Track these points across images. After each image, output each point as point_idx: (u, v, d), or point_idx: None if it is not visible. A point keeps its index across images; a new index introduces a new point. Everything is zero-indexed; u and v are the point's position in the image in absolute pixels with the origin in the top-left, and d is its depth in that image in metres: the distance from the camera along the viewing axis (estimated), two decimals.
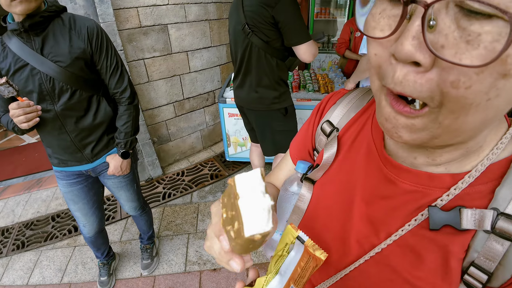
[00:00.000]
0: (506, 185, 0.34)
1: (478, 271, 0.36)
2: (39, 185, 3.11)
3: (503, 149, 0.37)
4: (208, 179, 2.93)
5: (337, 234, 0.49)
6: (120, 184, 1.61)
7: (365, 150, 0.48)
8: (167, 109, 2.86)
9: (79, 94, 1.26)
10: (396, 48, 0.27)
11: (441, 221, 0.37)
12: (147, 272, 2.03)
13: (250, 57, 1.74)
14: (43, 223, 2.56)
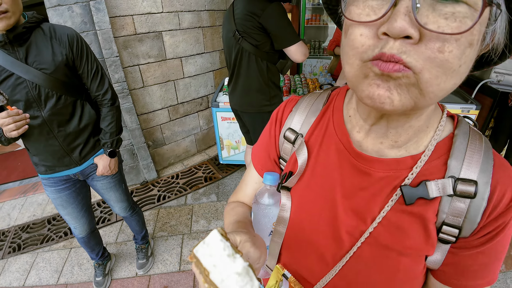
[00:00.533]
0: (454, 157, 0.44)
1: (450, 228, 0.44)
2: (34, 189, 3.14)
3: (443, 130, 0.47)
4: (202, 181, 3.00)
5: (327, 233, 0.53)
6: (109, 185, 1.66)
7: (334, 151, 0.52)
8: (161, 114, 2.93)
9: (64, 99, 1.31)
10: (390, 25, 0.32)
11: (414, 195, 0.44)
12: (142, 272, 2.09)
13: (241, 61, 1.83)
14: (39, 226, 2.60)
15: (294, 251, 0.59)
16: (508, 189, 0.43)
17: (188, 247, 2.29)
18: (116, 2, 2.23)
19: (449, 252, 0.47)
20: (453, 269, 0.48)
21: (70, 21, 2.06)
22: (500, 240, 0.44)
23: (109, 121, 1.47)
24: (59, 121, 1.34)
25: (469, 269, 0.47)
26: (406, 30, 0.31)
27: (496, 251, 0.46)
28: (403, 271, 0.48)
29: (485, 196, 0.42)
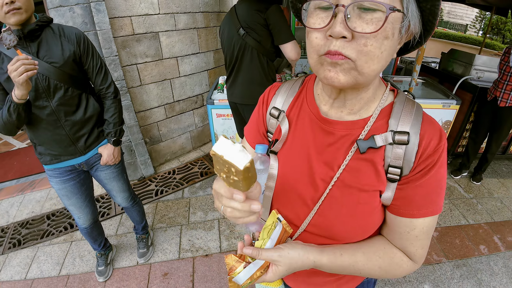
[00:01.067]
0: (393, 117, 0.61)
1: (394, 169, 0.60)
2: (32, 187, 3.19)
3: (386, 100, 0.64)
4: (199, 176, 3.11)
5: (306, 181, 0.68)
6: (113, 175, 1.76)
7: (308, 121, 0.69)
8: (158, 111, 3.03)
9: (71, 91, 1.42)
10: (333, 30, 0.48)
11: (365, 146, 0.60)
12: (143, 260, 2.18)
13: (243, 56, 1.99)
14: (38, 222, 2.64)
15: (282, 200, 0.73)
16: (434, 137, 0.58)
17: (186, 237, 2.39)
18: (115, 4, 2.33)
19: (397, 189, 0.62)
20: (401, 202, 0.62)
21: (71, 21, 2.15)
22: (432, 175, 0.59)
23: (112, 112, 1.60)
24: (66, 111, 1.44)
25: (413, 200, 0.61)
26: (342, 32, 0.47)
27: (431, 185, 0.60)
28: (363, 203, 0.63)
29: (416, 142, 0.58)
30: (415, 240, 0.65)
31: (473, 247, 2.45)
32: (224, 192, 0.50)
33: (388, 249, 0.67)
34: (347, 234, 0.67)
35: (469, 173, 3.56)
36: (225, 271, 2.11)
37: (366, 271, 0.67)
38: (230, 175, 0.45)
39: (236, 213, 0.50)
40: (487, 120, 3.13)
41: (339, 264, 0.65)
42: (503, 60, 2.92)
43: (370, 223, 0.66)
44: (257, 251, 0.62)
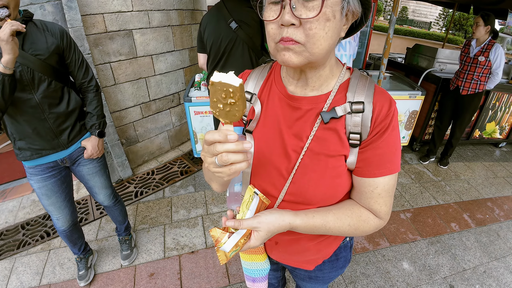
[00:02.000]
0: (350, 91, 0.69)
1: (354, 135, 0.69)
2: (3, 197, 3.01)
3: (343, 77, 0.72)
4: (179, 175, 3.08)
5: (280, 153, 0.76)
6: (95, 169, 1.74)
7: (277, 99, 0.76)
8: (134, 111, 2.97)
9: (54, 84, 1.44)
10: (283, 19, 0.56)
11: (328, 117, 0.68)
12: (127, 263, 2.13)
13: (232, 50, 2.01)
14: (13, 232, 2.50)
15: (260, 174, 0.80)
16: (385, 104, 0.67)
17: (170, 235, 2.37)
18: (87, 1, 2.26)
19: (359, 153, 0.71)
20: (363, 164, 0.71)
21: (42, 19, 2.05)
22: (386, 137, 0.68)
23: (95, 104, 1.63)
24: (50, 104, 1.45)
25: (373, 160, 0.70)
26: (290, 20, 0.55)
27: (387, 145, 0.69)
28: (331, 168, 0.72)
29: (370, 109, 0.67)
30: (378, 198, 0.73)
31: (444, 225, 2.63)
32: (218, 135, 0.53)
33: (355, 208, 0.76)
34: (319, 198, 0.74)
35: (436, 158, 3.79)
36: (213, 266, 2.12)
37: (337, 229, 0.74)
38: (227, 99, 0.52)
39: (231, 156, 0.53)
40: (450, 108, 3.36)
41: (312, 225, 0.72)
42: (463, 52, 3.14)
43: (339, 185, 0.74)
44: (238, 222, 0.68)
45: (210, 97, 0.54)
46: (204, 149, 0.58)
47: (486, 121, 3.96)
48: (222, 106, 0.53)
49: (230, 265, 2.12)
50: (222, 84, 0.51)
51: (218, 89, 0.52)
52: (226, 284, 1.99)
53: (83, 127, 1.64)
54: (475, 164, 3.76)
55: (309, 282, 1.07)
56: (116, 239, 2.35)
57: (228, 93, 0.51)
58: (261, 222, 0.68)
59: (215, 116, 0.56)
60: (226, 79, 0.50)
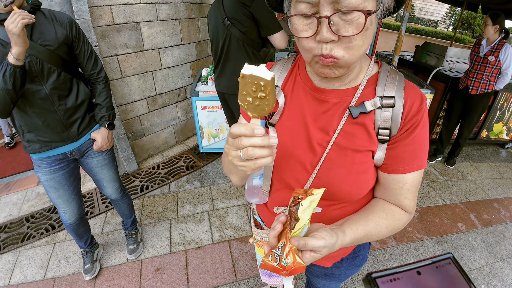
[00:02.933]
0: (379, 85, 0.68)
1: (384, 130, 0.67)
2: (7, 189, 3.01)
3: (371, 71, 0.70)
4: (184, 170, 3.06)
5: (305, 147, 0.74)
6: (104, 162, 1.73)
7: (302, 92, 0.74)
8: (140, 105, 2.95)
9: (63, 75, 1.41)
10: (320, 37, 0.54)
11: (357, 112, 0.67)
12: (134, 257, 2.13)
13: (229, 47, 1.98)
14: (17, 225, 2.50)
15: (283, 168, 0.78)
16: (416, 99, 0.66)
17: (177, 230, 2.36)
18: None
19: (387, 149, 0.69)
20: (392, 161, 0.70)
21: None
22: (417, 133, 0.67)
23: (104, 96, 1.61)
24: (60, 95, 1.43)
25: (402, 157, 0.69)
26: (330, 38, 0.54)
27: (417, 142, 0.67)
28: (357, 163, 0.70)
29: (401, 104, 0.65)
30: (408, 193, 0.73)
31: (451, 224, 2.61)
32: (245, 129, 0.51)
33: (387, 208, 0.75)
34: (344, 193, 0.73)
35: (443, 158, 3.76)
36: (220, 261, 2.11)
37: (377, 235, 0.72)
38: (257, 93, 0.50)
39: (257, 151, 0.51)
40: (459, 107, 3.32)
41: (357, 238, 0.69)
42: (473, 51, 3.10)
43: (365, 180, 0.72)
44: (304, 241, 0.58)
45: (240, 89, 0.52)
46: (228, 142, 0.56)
47: (494, 122, 3.92)
48: (251, 100, 0.52)
49: (237, 260, 2.11)
50: (253, 77, 0.49)
51: (248, 82, 0.50)
52: (233, 280, 1.98)
53: (92, 119, 1.62)
54: (482, 164, 3.73)
55: (324, 279, 1.06)
56: (122, 233, 2.35)
57: (259, 86, 0.49)
58: (327, 245, 0.59)
59: (243, 109, 0.54)
60: (257, 72, 0.48)
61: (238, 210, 2.56)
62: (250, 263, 2.09)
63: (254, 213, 1.01)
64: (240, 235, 2.31)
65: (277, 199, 0.85)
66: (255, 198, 0.86)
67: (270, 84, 0.49)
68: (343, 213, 0.79)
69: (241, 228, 2.37)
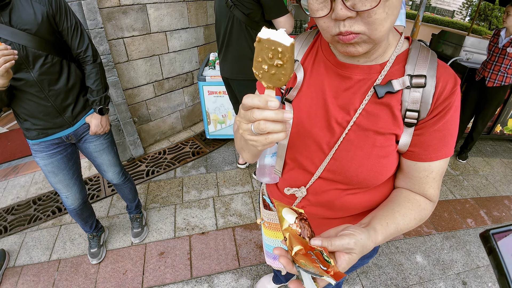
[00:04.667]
0: (409, 63, 0.62)
1: (411, 112, 0.62)
2: (15, 172, 3.04)
3: (401, 47, 0.64)
4: (190, 156, 3.05)
5: (322, 125, 0.69)
6: (102, 146, 1.68)
7: (323, 67, 0.69)
8: (146, 89, 2.91)
9: (51, 58, 1.34)
10: (336, 14, 0.50)
11: (383, 91, 0.61)
12: (138, 240, 2.13)
13: (232, 29, 1.90)
14: (24, 207, 2.53)
15: (297, 147, 0.74)
16: (449, 80, 0.60)
17: (181, 216, 2.36)
18: None
19: (414, 135, 0.64)
20: (419, 148, 0.65)
21: None
22: (449, 118, 0.62)
23: (93, 78, 1.50)
24: (49, 81, 1.36)
25: (431, 144, 0.64)
26: (346, 14, 0.49)
27: (448, 128, 0.63)
28: (378, 146, 0.65)
29: (433, 84, 0.59)
30: (433, 182, 0.68)
31: (460, 220, 2.55)
32: (258, 101, 0.47)
33: (412, 198, 0.70)
34: (361, 177, 0.68)
35: (455, 151, 3.67)
36: (223, 248, 2.10)
37: (405, 227, 0.67)
38: (273, 60, 0.45)
39: (269, 125, 0.47)
40: (474, 100, 3.21)
41: (389, 234, 0.63)
42: (492, 41, 2.96)
43: (385, 166, 0.67)
44: (328, 241, 0.53)
45: (255, 56, 0.47)
46: (240, 114, 0.52)
47: (509, 117, 3.78)
48: (267, 68, 0.47)
49: (241, 247, 2.10)
50: (271, 42, 0.44)
51: (265, 48, 0.45)
52: (236, 266, 1.98)
53: (87, 102, 1.56)
54: (494, 160, 3.63)
55: None
56: (127, 216, 2.36)
57: (276, 53, 0.45)
58: (358, 243, 0.53)
59: (257, 78, 0.49)
60: (276, 37, 0.44)
61: (243, 197, 2.54)
62: (254, 250, 2.08)
63: (264, 194, 0.98)
64: (245, 222, 2.29)
65: (289, 179, 0.81)
66: (266, 178, 0.83)
67: (288, 51, 0.44)
68: (357, 199, 0.75)
69: (246, 215, 2.36)
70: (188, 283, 1.88)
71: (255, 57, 0.47)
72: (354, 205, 0.76)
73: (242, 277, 1.91)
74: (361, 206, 0.76)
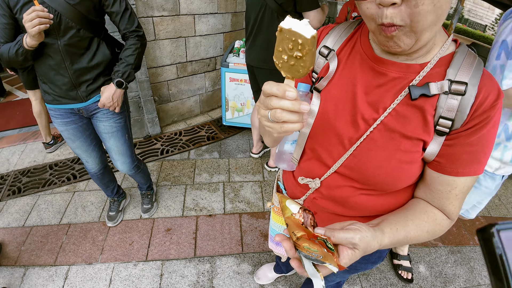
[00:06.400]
0: (452, 67, 0.57)
1: (445, 120, 0.58)
2: (35, 137, 3.14)
3: (446, 49, 0.60)
4: (205, 140, 3.08)
5: (347, 119, 0.67)
6: (111, 129, 1.63)
7: (359, 60, 0.67)
8: (170, 70, 2.95)
9: (83, 33, 1.34)
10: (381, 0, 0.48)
11: (418, 92, 0.58)
12: (147, 215, 2.20)
13: (263, 18, 1.90)
14: (40, 171, 2.61)
15: (318, 138, 0.73)
16: (492, 92, 0.56)
17: (191, 196, 2.40)
18: None
19: (443, 145, 0.60)
20: (446, 159, 0.61)
21: None
22: (485, 133, 0.57)
23: (129, 52, 1.47)
24: (73, 54, 1.37)
25: (460, 157, 0.60)
26: (391, 0, 0.47)
27: (481, 143, 0.58)
28: (403, 150, 0.62)
29: (473, 94, 0.55)
30: (455, 199, 0.64)
31: (468, 236, 2.50)
32: (276, 89, 0.47)
33: (429, 211, 0.67)
34: (378, 180, 0.66)
35: None
36: (228, 232, 2.13)
37: (416, 238, 0.65)
38: (293, 52, 0.45)
39: (285, 114, 0.47)
40: None
41: (397, 240, 0.62)
42: None
43: (406, 172, 0.64)
44: (331, 233, 0.53)
45: (276, 45, 0.47)
46: (260, 100, 0.52)
47: None
48: (286, 58, 0.46)
49: (245, 234, 2.13)
50: (292, 32, 0.43)
51: (286, 38, 0.45)
52: (239, 251, 2.01)
53: (107, 82, 1.52)
54: (510, 182, 3.53)
55: None
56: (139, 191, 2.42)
57: (296, 44, 0.44)
58: (362, 239, 0.53)
59: (277, 68, 0.49)
60: (297, 28, 0.43)
61: (253, 186, 2.57)
62: (258, 238, 2.10)
63: (279, 179, 0.99)
64: (252, 210, 2.32)
65: (305, 169, 0.81)
66: (283, 164, 0.83)
67: (309, 44, 0.43)
68: (370, 201, 0.73)
69: (254, 204, 2.38)
70: (191, 261, 1.93)
71: (276, 46, 0.47)
72: (367, 206, 0.74)
73: (244, 262, 1.94)
74: (373, 209, 0.74)
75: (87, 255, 1.94)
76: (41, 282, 1.78)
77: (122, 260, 1.92)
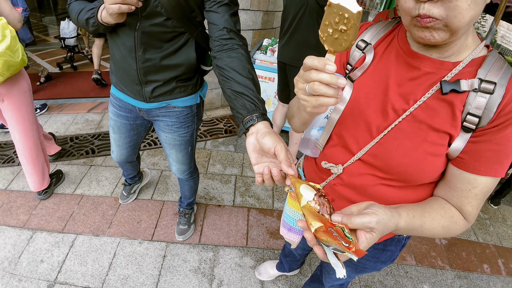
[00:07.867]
0: (483, 68, 0.61)
1: (472, 117, 0.60)
2: (60, 109, 3.24)
3: (479, 52, 0.63)
4: (223, 132, 3.12)
5: (377, 108, 0.70)
6: (174, 142, 1.46)
7: (394, 54, 0.70)
8: None
9: (172, 24, 1.06)
10: None
11: (449, 87, 0.61)
12: (181, 238, 1.97)
13: (302, 17, 1.92)
14: (60, 142, 2.68)
15: (346, 124, 0.75)
16: None
17: (203, 185, 2.43)
18: None
19: (469, 142, 0.62)
20: (470, 156, 0.63)
21: None
22: (509, 133, 0.59)
23: (251, 74, 0.90)
24: (148, 44, 1.11)
25: (483, 155, 0.62)
26: None
27: (505, 143, 0.60)
28: (429, 142, 0.64)
29: (501, 93, 0.58)
30: (474, 199, 0.65)
31: (477, 263, 2.44)
32: (318, 62, 0.50)
33: (447, 208, 0.68)
34: (401, 169, 0.68)
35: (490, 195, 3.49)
36: (235, 224, 2.15)
37: (430, 231, 0.66)
38: (339, 25, 0.48)
39: (323, 87, 0.50)
40: None
41: (412, 227, 0.63)
42: None
43: (429, 164, 0.66)
44: (348, 219, 0.53)
45: (323, 19, 0.50)
46: (299, 74, 0.55)
47: None
48: (331, 31, 0.50)
49: (252, 228, 2.14)
50: (339, 7, 0.47)
51: (333, 12, 0.48)
52: (243, 244, 2.02)
53: (178, 89, 1.26)
54: None
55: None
56: (159, 173, 2.48)
57: (343, 18, 0.47)
58: (380, 222, 0.53)
59: (321, 41, 0.52)
60: (345, 3, 0.46)
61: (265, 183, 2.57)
62: (264, 234, 2.11)
63: (299, 167, 1.00)
64: (261, 206, 2.33)
65: (328, 155, 0.82)
66: (308, 150, 0.84)
67: (354, 18, 0.46)
68: (390, 192, 0.74)
69: (263, 200, 2.39)
70: (195, 247, 1.95)
71: (323, 20, 0.50)
72: (386, 198, 0.75)
73: (247, 256, 1.95)
74: (392, 201, 0.74)
75: (96, 227, 1.98)
76: (46, 247, 1.84)
77: (128, 236, 1.95)
